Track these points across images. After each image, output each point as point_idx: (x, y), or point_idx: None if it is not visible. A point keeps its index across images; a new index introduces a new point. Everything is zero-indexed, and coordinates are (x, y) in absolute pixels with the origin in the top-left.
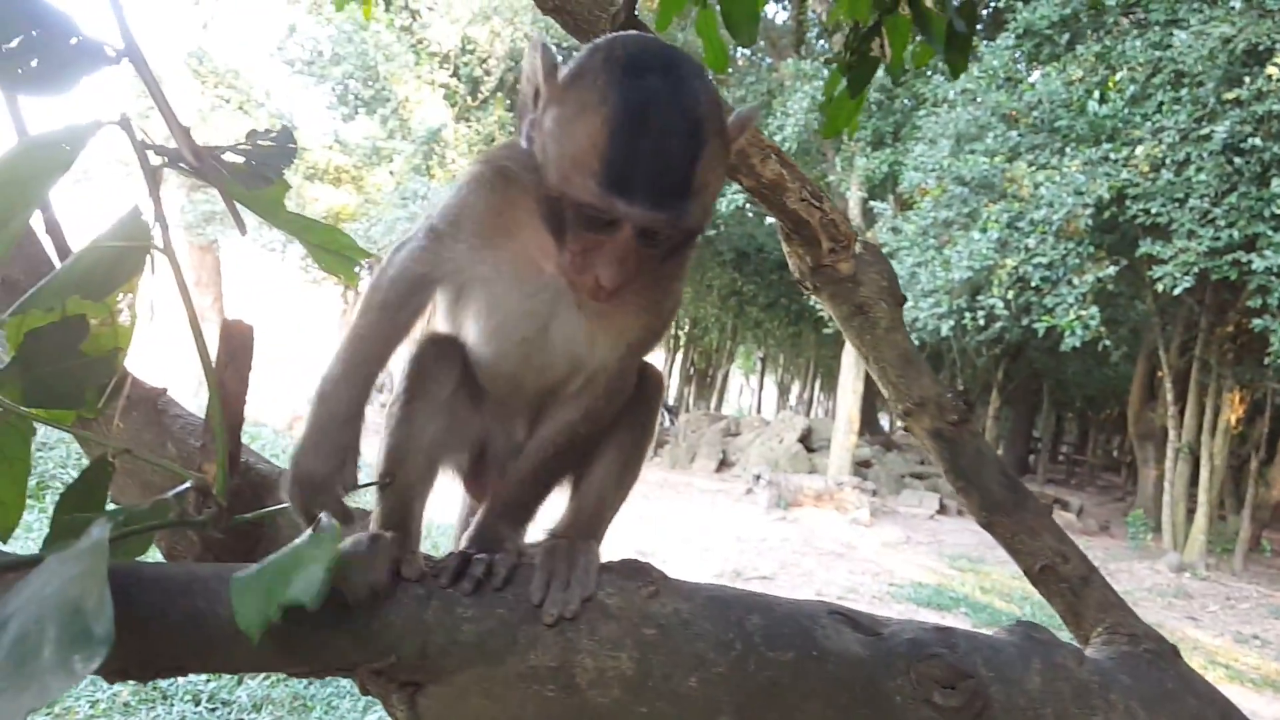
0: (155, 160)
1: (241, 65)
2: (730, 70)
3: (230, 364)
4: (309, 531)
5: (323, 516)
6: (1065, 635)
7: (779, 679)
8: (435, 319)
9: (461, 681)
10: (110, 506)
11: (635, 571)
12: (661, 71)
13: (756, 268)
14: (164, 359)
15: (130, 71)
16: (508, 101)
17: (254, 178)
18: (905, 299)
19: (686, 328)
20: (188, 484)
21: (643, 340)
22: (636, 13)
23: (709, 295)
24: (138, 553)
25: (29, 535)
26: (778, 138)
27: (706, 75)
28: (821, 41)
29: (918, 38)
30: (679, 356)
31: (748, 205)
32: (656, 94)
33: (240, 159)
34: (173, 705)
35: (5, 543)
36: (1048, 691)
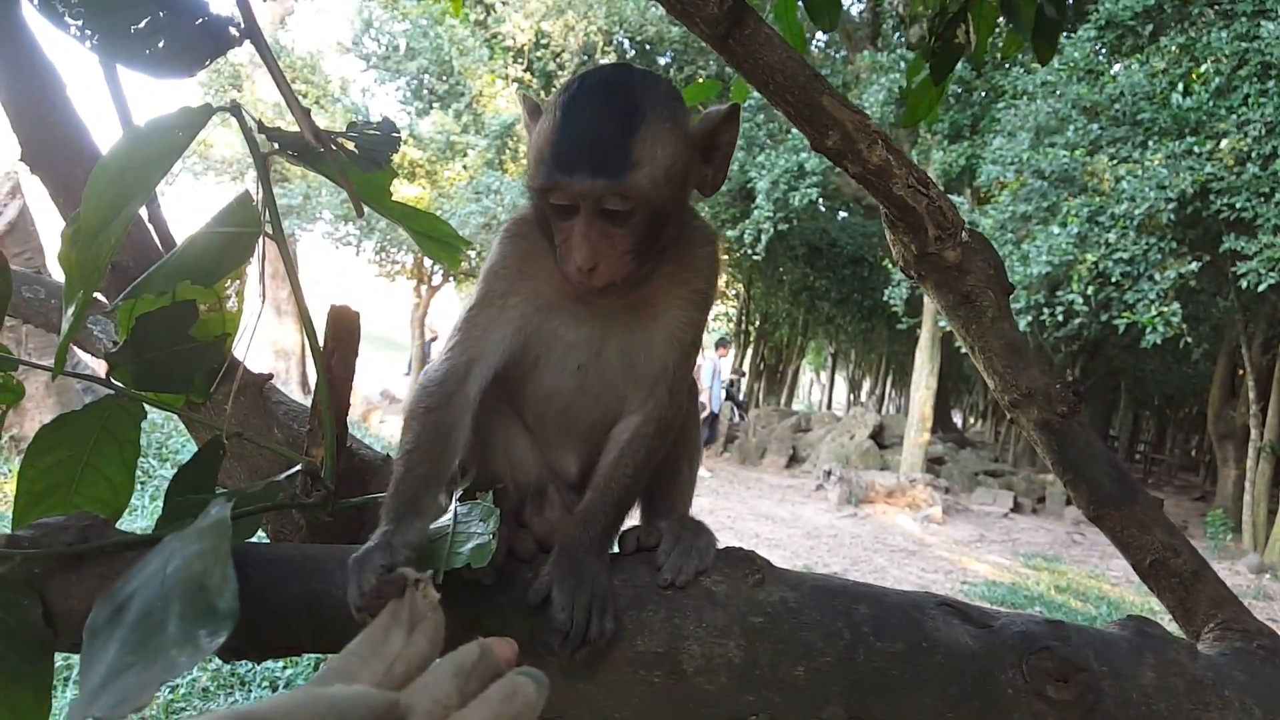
0: (265, 147)
1: (318, 59)
2: None
3: (336, 351)
4: (468, 507)
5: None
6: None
7: (888, 670)
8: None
9: (568, 665)
10: (218, 490)
11: (741, 560)
12: (603, 78)
13: (829, 262)
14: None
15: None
16: None
17: (366, 162)
18: (1013, 288)
19: (757, 323)
20: (298, 468)
21: (693, 339)
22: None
23: (780, 290)
24: (248, 534)
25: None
26: None
27: (659, 82)
28: (898, 33)
29: (1003, 25)
30: (749, 352)
31: (820, 200)
32: (592, 92)
33: (351, 145)
34: (250, 691)
35: (116, 523)
36: (1161, 687)
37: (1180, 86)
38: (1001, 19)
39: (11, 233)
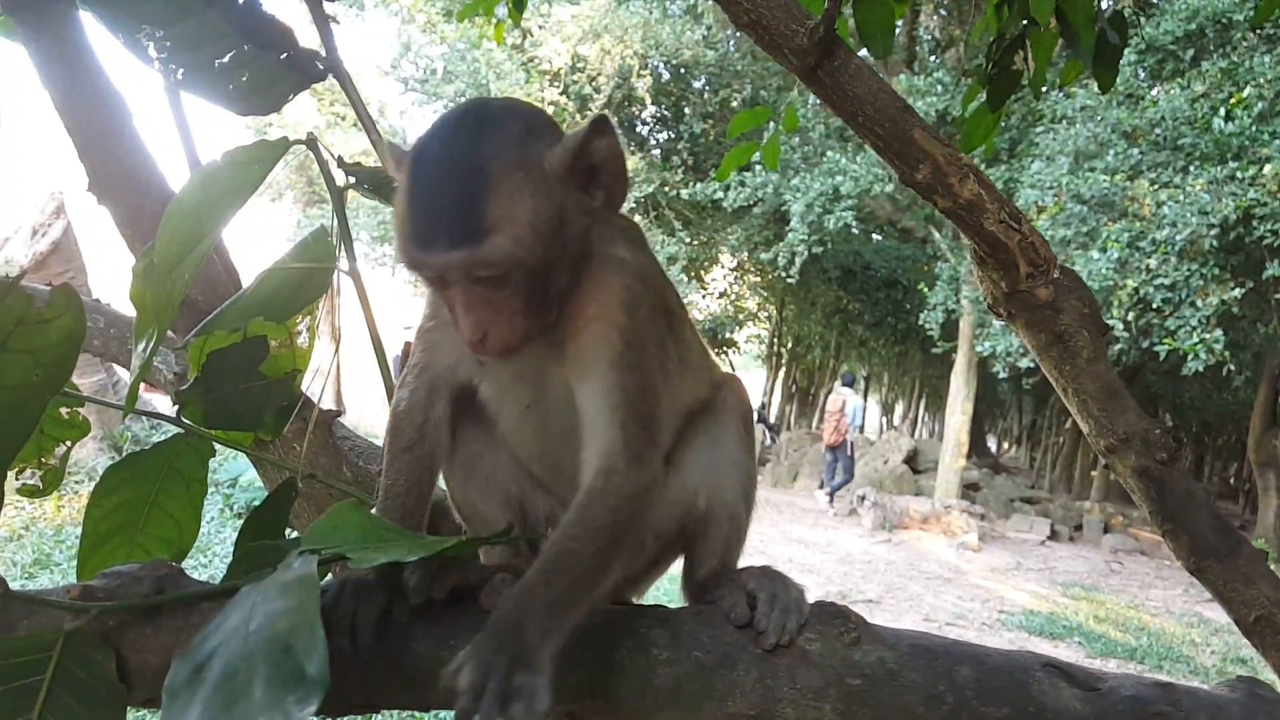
0: (341, 180)
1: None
2: None
3: None
4: None
5: None
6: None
7: None
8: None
9: None
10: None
11: (834, 615)
12: (446, 134)
13: (863, 285)
14: None
15: None
16: (615, 119)
17: None
18: (1108, 328)
19: (789, 345)
20: (371, 511)
21: (624, 378)
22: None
23: (813, 313)
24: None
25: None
26: None
27: (509, 121)
28: (934, 57)
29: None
30: (781, 375)
31: (855, 223)
32: (436, 152)
33: None
34: None
35: (180, 563)
36: None
37: (1222, 111)
38: (1061, 44)
39: (56, 252)
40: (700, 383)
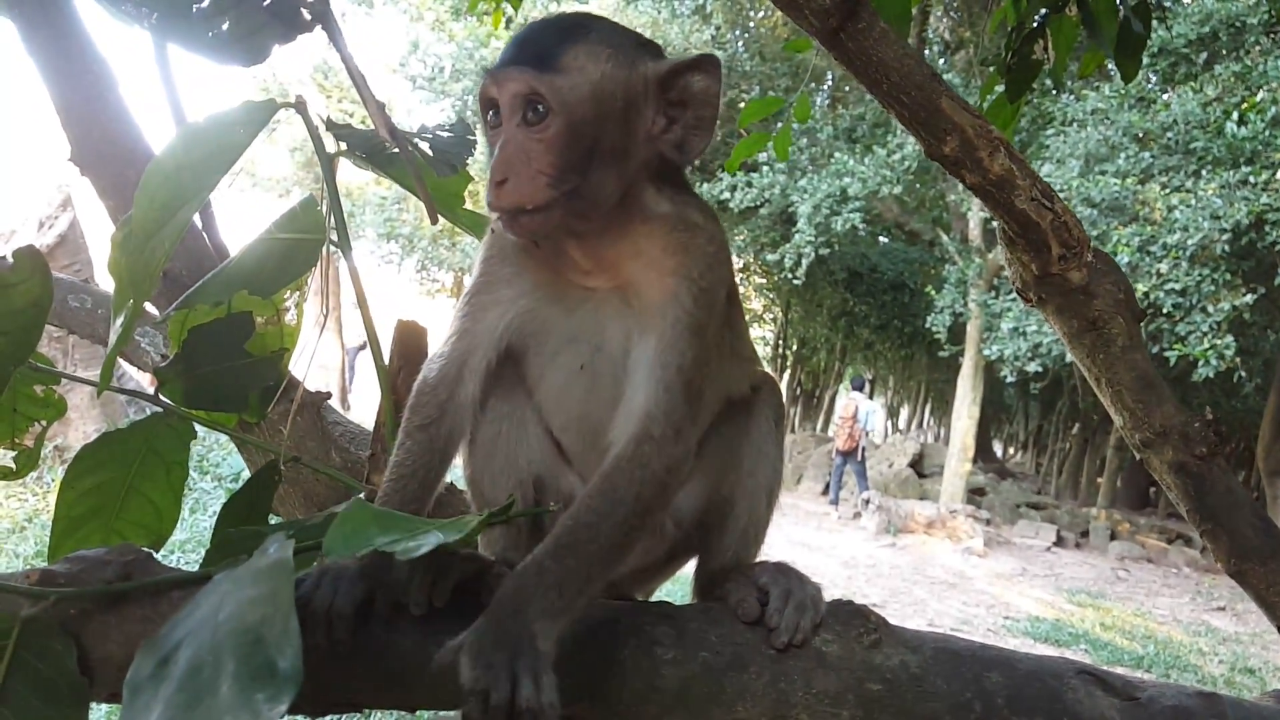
0: (332, 146)
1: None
2: (847, 88)
3: (403, 368)
4: None
5: None
6: None
7: None
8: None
9: None
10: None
11: (853, 615)
12: (588, 12)
13: (869, 287)
14: None
15: None
16: None
17: (440, 165)
18: (1144, 314)
19: (794, 347)
20: (359, 496)
21: (688, 341)
22: None
23: (818, 315)
24: (301, 569)
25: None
26: (896, 156)
27: (629, 31)
28: (943, 59)
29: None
30: (786, 377)
31: (862, 225)
32: (566, 13)
33: (426, 146)
34: None
35: (158, 551)
36: None
37: (1235, 115)
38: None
39: (62, 245)
40: (743, 377)
